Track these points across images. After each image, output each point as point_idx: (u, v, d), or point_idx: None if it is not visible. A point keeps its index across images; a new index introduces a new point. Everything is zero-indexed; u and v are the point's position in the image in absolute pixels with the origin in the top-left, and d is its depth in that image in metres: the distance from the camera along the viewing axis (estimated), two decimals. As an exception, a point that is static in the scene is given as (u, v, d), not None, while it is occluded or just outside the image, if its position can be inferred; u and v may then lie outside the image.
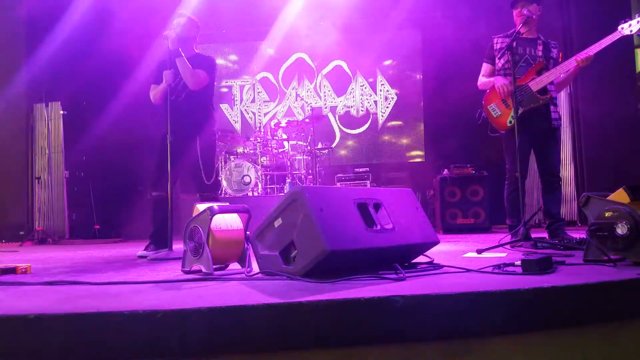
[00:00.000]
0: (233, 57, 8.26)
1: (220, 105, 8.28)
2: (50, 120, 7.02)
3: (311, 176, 6.82)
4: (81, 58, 6.86)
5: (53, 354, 1.35)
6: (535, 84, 3.36)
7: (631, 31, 3.16)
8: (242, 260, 2.39)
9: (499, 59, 3.49)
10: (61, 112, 7.02)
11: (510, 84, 3.28)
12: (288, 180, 6.74)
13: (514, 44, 3.21)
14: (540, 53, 3.48)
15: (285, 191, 6.64)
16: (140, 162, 6.88)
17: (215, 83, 3.87)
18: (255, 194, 6.56)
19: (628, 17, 3.20)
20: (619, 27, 3.20)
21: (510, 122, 3.16)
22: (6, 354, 1.36)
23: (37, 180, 6.94)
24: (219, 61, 8.14)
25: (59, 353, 1.35)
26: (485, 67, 3.66)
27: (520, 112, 3.27)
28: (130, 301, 1.58)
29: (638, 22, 3.16)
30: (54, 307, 1.48)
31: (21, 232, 6.72)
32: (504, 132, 3.42)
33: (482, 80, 3.65)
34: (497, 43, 3.59)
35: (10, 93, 6.77)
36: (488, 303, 1.54)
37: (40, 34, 6.84)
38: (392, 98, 7.93)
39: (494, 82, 3.46)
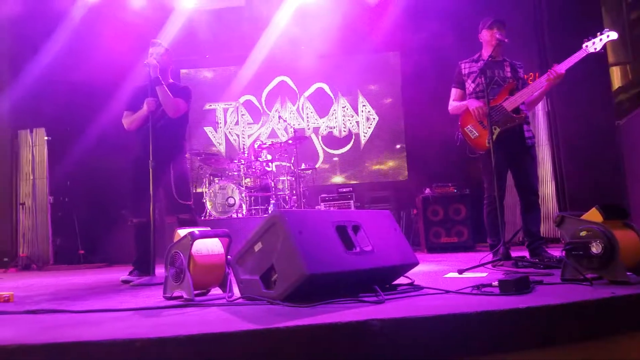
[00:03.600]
0: (216, 81, 8.33)
1: (204, 128, 8.32)
2: (35, 146, 6.98)
3: (295, 197, 6.84)
4: (64, 84, 6.87)
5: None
6: (510, 104, 3.44)
7: (595, 49, 3.28)
8: (224, 285, 2.40)
9: (472, 82, 3.58)
10: (46, 138, 6.99)
11: (484, 106, 3.35)
12: (272, 201, 6.75)
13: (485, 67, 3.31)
14: (509, 74, 3.59)
15: (270, 212, 6.64)
16: (124, 187, 6.83)
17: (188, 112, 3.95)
18: (240, 215, 6.56)
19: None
20: (584, 45, 3.32)
21: (489, 142, 3.23)
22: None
23: (21, 206, 6.86)
24: (202, 85, 8.21)
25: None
26: (455, 92, 3.75)
27: (497, 132, 3.35)
28: (110, 329, 1.58)
29: (601, 39, 3.28)
30: (35, 336, 1.48)
31: (5, 259, 6.61)
32: (483, 153, 3.49)
33: (454, 104, 3.73)
34: (464, 68, 3.70)
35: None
36: (465, 325, 1.57)
37: (24, 60, 6.85)
38: (374, 118, 8.04)
39: (467, 105, 3.55)
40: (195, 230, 2.33)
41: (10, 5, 6.58)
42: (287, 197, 6.88)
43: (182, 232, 2.39)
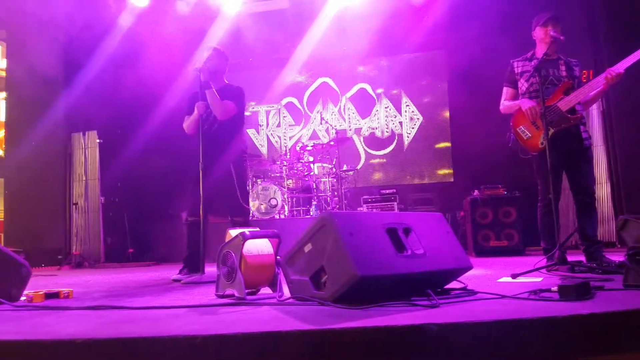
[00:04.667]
0: (259, 83, 8.44)
1: (247, 130, 8.44)
2: (87, 148, 7.28)
3: (337, 198, 6.84)
4: (115, 88, 7.13)
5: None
6: (565, 104, 3.33)
7: None
8: (273, 284, 2.42)
9: (525, 81, 3.48)
10: (97, 140, 7.28)
11: (537, 106, 3.26)
12: (314, 203, 6.78)
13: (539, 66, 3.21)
14: (564, 73, 3.46)
15: (312, 213, 6.67)
16: (172, 188, 7.06)
17: (245, 111, 3.99)
18: (282, 216, 6.62)
19: None
20: None
21: (542, 143, 3.13)
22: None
23: (74, 206, 7.17)
24: (247, 88, 8.34)
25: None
26: (507, 91, 3.65)
27: (551, 133, 3.24)
28: (169, 326, 1.62)
29: None
30: (99, 331, 1.53)
31: (59, 257, 6.92)
32: (536, 154, 3.38)
33: (505, 104, 3.63)
34: (517, 67, 3.59)
35: (49, 122, 7.07)
36: (525, 331, 1.52)
37: (77, 66, 7.16)
38: (418, 118, 7.93)
39: (520, 105, 3.45)
40: (246, 230, 2.36)
41: (63, 13, 6.90)
42: (328, 199, 6.89)
43: (233, 232, 2.43)
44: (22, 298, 2.47)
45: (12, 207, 7.37)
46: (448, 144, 7.74)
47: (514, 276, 2.74)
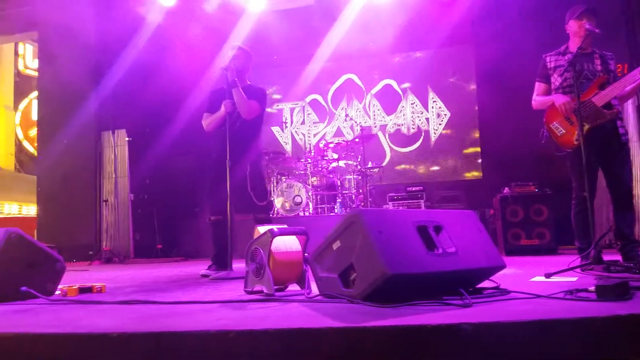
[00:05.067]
0: (283, 81, 8.46)
1: (272, 127, 8.48)
2: (117, 146, 7.43)
3: (362, 195, 6.81)
4: (144, 87, 7.25)
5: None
6: (600, 99, 3.23)
7: None
8: (301, 281, 2.42)
9: (559, 76, 3.38)
10: (127, 139, 7.42)
11: (571, 101, 3.17)
12: (339, 200, 6.77)
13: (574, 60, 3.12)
14: (599, 67, 3.35)
15: (336, 211, 6.67)
16: (198, 185, 7.15)
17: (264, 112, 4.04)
18: (307, 213, 6.63)
19: None
20: None
21: (577, 139, 3.05)
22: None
23: (104, 203, 7.33)
24: (271, 86, 8.37)
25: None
26: (539, 86, 3.56)
27: (586, 129, 3.15)
28: (202, 321, 1.64)
29: None
30: (133, 326, 1.56)
31: (90, 252, 7.08)
32: (570, 151, 3.29)
33: (538, 99, 3.54)
34: (550, 62, 3.49)
35: (80, 121, 7.23)
36: (562, 331, 1.48)
37: (107, 64, 7.30)
38: (445, 114, 7.82)
39: (554, 100, 3.36)
40: (274, 227, 2.37)
41: (93, 14, 7.04)
42: (353, 196, 6.87)
43: (261, 229, 2.43)
44: (57, 292, 2.53)
45: (44, 204, 7.58)
46: (476, 141, 7.61)
47: (547, 275, 2.67)
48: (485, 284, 2.24)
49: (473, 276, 2.13)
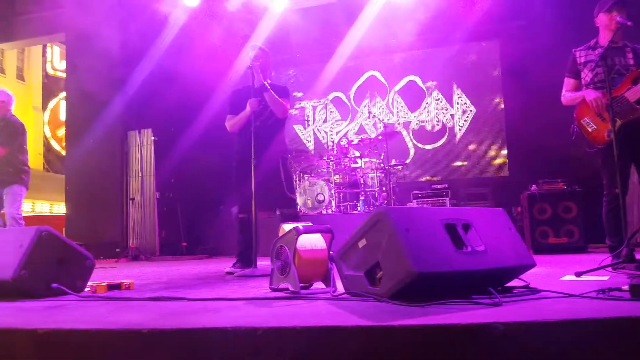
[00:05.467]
0: (305, 79, 8.46)
1: (294, 126, 8.49)
2: (143, 145, 7.55)
3: (385, 193, 6.77)
4: (168, 87, 7.35)
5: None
6: (633, 94, 3.13)
7: None
8: (326, 279, 2.42)
9: (590, 71, 3.30)
10: (152, 138, 7.54)
11: (603, 97, 3.08)
12: (362, 198, 6.74)
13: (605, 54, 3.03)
14: (631, 62, 3.26)
15: (359, 209, 6.64)
16: (222, 183, 7.21)
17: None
18: (329, 211, 6.62)
19: None
20: None
21: (609, 135, 2.97)
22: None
23: (131, 201, 7.47)
24: (293, 85, 8.39)
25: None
26: (569, 82, 3.48)
27: (618, 124, 3.06)
28: (230, 317, 1.65)
29: None
30: (162, 322, 1.58)
31: (117, 249, 7.22)
32: (602, 147, 3.21)
33: (568, 95, 3.46)
34: (580, 56, 3.40)
35: (107, 121, 7.37)
36: (595, 331, 1.44)
37: (132, 65, 7.41)
38: (471, 111, 7.71)
39: (585, 95, 3.28)
40: (300, 225, 2.37)
41: (118, 14, 7.17)
42: (376, 194, 6.83)
43: (286, 226, 2.44)
44: (87, 289, 2.58)
45: (72, 203, 7.76)
46: (503, 137, 7.48)
47: (578, 274, 2.61)
48: (515, 282, 2.20)
49: (502, 275, 2.09)
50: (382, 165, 6.84)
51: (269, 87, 3.70)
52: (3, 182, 4.37)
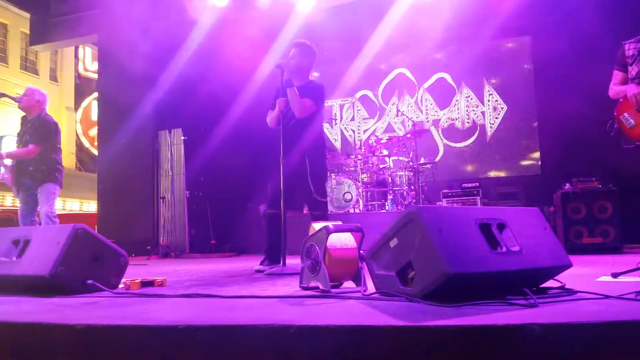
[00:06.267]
0: (333, 78, 8.45)
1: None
2: (173, 145, 7.69)
3: (414, 192, 6.70)
4: (198, 86, 7.46)
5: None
6: (675, 90, 3.02)
7: None
8: (356, 278, 2.41)
9: (632, 65, 3.19)
10: (182, 137, 7.66)
11: (644, 92, 2.98)
12: (390, 197, 6.69)
13: None
14: None
15: (387, 208, 6.60)
16: (250, 182, 7.29)
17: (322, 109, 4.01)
18: (357, 210, 6.60)
19: None
20: None
21: (648, 131, 2.87)
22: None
23: (162, 199, 7.61)
24: (322, 82, 8.37)
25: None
26: (617, 75, 3.37)
27: (660, 121, 2.96)
28: (263, 315, 1.66)
29: None
30: (197, 318, 1.60)
31: (148, 247, 7.37)
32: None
33: (615, 89, 3.36)
34: (628, 49, 3.29)
35: (138, 121, 7.53)
36: (635, 334, 1.40)
37: (163, 66, 7.55)
38: (502, 108, 7.55)
39: (626, 90, 3.18)
40: (330, 224, 2.36)
41: (149, 16, 7.29)
42: (405, 193, 6.78)
43: (317, 225, 2.44)
44: (121, 286, 2.63)
45: (105, 201, 7.96)
46: (535, 135, 7.31)
47: (615, 275, 2.53)
48: (550, 283, 2.15)
49: (537, 275, 2.04)
50: (410, 163, 6.78)
51: (292, 84, 3.67)
52: (37, 181, 4.42)
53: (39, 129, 4.47)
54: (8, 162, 4.49)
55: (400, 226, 2.00)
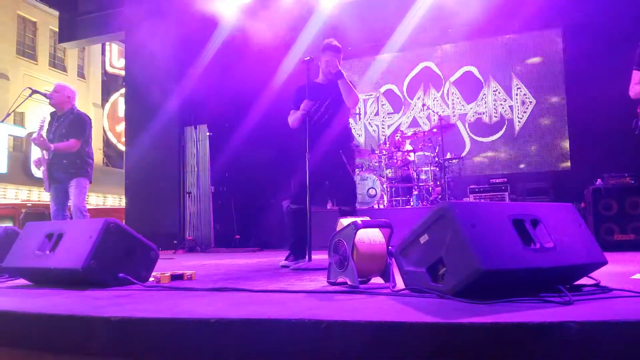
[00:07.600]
0: (357, 72, 8.40)
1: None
2: (199, 141, 7.77)
3: (439, 188, 6.63)
4: (223, 83, 7.51)
5: (230, 356, 1.47)
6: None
7: None
8: (385, 274, 2.39)
9: None
10: (207, 133, 7.74)
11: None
12: (415, 193, 6.63)
13: None
14: None
15: (412, 204, 6.54)
16: (274, 178, 7.32)
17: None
18: (381, 206, 6.56)
19: None
20: None
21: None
22: (188, 355, 1.51)
23: (187, 194, 7.71)
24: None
25: (235, 356, 1.47)
26: (636, 74, 3.31)
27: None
28: (293, 309, 1.67)
29: None
30: (228, 312, 1.61)
31: (174, 241, 7.48)
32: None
33: (636, 89, 3.29)
34: None
35: (164, 117, 7.63)
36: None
37: (188, 63, 7.62)
38: (530, 102, 7.40)
39: None
40: (358, 220, 2.36)
41: (175, 13, 7.36)
42: (430, 189, 6.71)
43: (344, 221, 2.43)
44: (151, 279, 2.68)
45: (132, 196, 8.10)
46: (564, 129, 7.14)
47: (652, 274, 2.46)
48: (583, 280, 2.10)
49: (571, 273, 2.00)
50: (436, 159, 6.70)
51: (343, 76, 3.69)
52: (71, 174, 4.48)
53: (75, 123, 4.53)
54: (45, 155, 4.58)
55: (431, 222, 1.98)
